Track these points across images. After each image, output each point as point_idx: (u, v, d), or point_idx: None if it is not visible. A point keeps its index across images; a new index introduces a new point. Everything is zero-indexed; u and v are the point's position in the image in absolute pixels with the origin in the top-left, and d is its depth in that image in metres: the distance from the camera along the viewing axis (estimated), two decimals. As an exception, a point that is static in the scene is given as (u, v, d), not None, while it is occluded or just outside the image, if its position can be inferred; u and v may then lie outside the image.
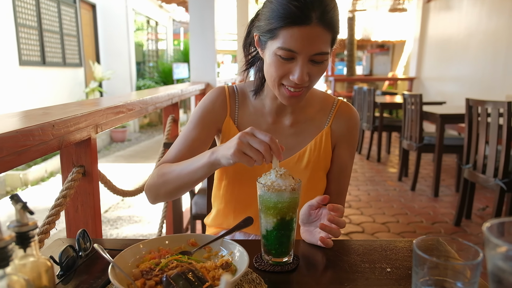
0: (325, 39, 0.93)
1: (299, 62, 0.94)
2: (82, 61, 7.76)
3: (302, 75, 0.94)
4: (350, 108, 1.17)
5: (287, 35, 0.92)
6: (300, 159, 1.12)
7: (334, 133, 1.15)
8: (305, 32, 0.90)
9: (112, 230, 3.55)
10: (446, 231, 3.19)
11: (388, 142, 6.23)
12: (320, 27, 0.91)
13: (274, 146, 0.85)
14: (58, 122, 1.02)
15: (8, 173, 4.65)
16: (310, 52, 0.93)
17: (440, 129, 3.86)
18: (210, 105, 1.15)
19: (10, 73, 5.58)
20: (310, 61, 0.95)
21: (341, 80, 10.11)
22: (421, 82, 8.01)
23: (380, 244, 0.98)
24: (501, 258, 0.39)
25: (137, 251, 0.79)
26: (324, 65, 0.98)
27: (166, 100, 2.25)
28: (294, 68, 0.95)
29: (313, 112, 1.15)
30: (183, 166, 1.00)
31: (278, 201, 0.82)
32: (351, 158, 1.19)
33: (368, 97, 5.63)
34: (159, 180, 1.04)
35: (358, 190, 4.31)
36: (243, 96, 1.18)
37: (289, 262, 0.87)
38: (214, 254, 0.85)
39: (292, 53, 0.93)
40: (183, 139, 1.12)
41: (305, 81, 0.96)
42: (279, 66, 0.96)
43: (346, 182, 1.20)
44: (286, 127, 1.14)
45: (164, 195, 1.06)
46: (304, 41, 0.91)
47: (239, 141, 0.85)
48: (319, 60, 0.95)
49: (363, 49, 14.98)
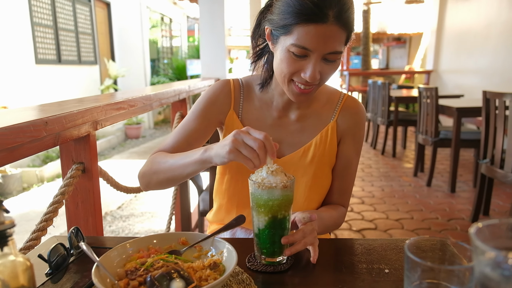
0: (340, 38, 0.91)
1: (312, 60, 0.92)
2: (97, 59, 7.84)
3: (315, 74, 0.92)
4: (356, 102, 1.15)
5: (302, 32, 0.89)
6: (305, 154, 1.10)
7: (340, 128, 1.12)
8: (321, 30, 0.88)
9: (125, 226, 3.58)
10: (462, 228, 3.09)
11: (404, 136, 6.11)
12: (336, 26, 0.88)
13: (269, 144, 0.82)
14: (52, 119, 1.01)
15: (25, 169, 4.75)
16: (324, 51, 0.90)
17: (456, 123, 3.74)
18: (213, 97, 1.13)
19: (27, 71, 5.68)
20: (323, 59, 0.93)
21: (356, 74, 9.95)
22: (438, 75, 7.82)
23: (380, 244, 0.94)
24: (488, 265, 0.35)
25: (124, 251, 0.78)
26: (336, 64, 0.96)
27: (172, 96, 2.24)
28: (306, 65, 0.93)
29: (319, 107, 1.13)
30: (176, 159, 0.98)
31: (269, 199, 0.79)
32: (357, 155, 1.15)
33: (383, 91, 5.52)
34: (152, 169, 1.03)
35: (372, 186, 4.24)
36: (249, 89, 1.15)
37: (283, 262, 0.84)
38: (204, 253, 0.83)
39: (306, 50, 0.91)
40: (182, 129, 1.11)
41: (316, 79, 0.94)
42: (291, 62, 0.94)
43: (350, 180, 1.16)
44: (291, 122, 1.12)
45: (155, 184, 1.05)
46: (319, 39, 0.89)
47: (234, 138, 0.83)
48: (332, 59, 0.93)
49: (379, 42, 14.72)
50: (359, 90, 9.23)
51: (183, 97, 2.51)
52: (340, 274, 0.81)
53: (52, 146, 1.08)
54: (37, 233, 1.07)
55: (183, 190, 2.48)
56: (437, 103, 3.95)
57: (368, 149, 6.14)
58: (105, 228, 3.58)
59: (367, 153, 5.86)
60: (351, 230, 3.09)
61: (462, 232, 3.02)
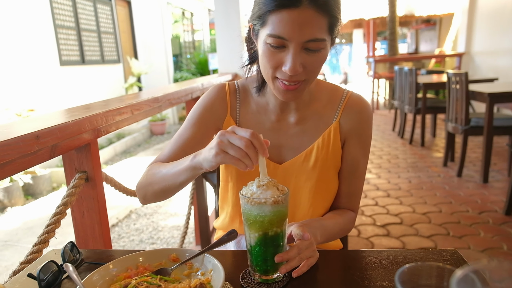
0: (319, 24, 0.83)
1: (291, 51, 0.85)
2: (120, 58, 7.96)
3: (295, 65, 0.85)
4: (361, 100, 1.07)
5: (275, 20, 0.83)
6: (307, 158, 1.04)
7: (343, 128, 1.05)
8: (295, 16, 0.81)
9: (149, 224, 3.62)
10: (495, 221, 2.93)
11: (433, 124, 5.87)
12: (312, 9, 0.81)
13: (257, 141, 0.75)
14: (44, 132, 0.98)
15: (54, 169, 4.89)
16: (302, 39, 0.83)
17: (489, 109, 3.53)
18: (209, 104, 1.08)
19: (52, 73, 5.83)
20: (304, 49, 0.86)
21: (382, 60, 9.64)
22: (471, 57, 7.44)
23: (387, 256, 0.86)
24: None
25: (106, 273, 0.74)
26: (321, 54, 0.88)
27: (183, 96, 2.20)
28: (285, 57, 0.86)
29: (320, 107, 1.06)
30: (168, 168, 0.94)
31: (258, 215, 0.73)
32: (364, 156, 1.08)
33: (409, 78, 5.30)
34: (147, 180, 1.00)
35: (399, 177, 4.09)
36: (245, 93, 1.10)
37: (278, 280, 0.78)
38: (195, 271, 0.79)
39: (282, 40, 0.84)
40: (178, 138, 1.07)
41: (298, 71, 0.86)
42: (270, 56, 0.88)
43: (358, 183, 1.09)
44: (291, 125, 1.06)
45: (151, 196, 1.01)
46: (294, 26, 0.82)
47: (219, 140, 0.78)
48: (314, 48, 0.86)
49: (407, 25, 14.19)
50: (386, 77, 8.94)
51: (197, 96, 2.48)
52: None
53: (48, 158, 1.06)
54: (38, 246, 1.06)
55: (199, 190, 2.46)
56: (467, 89, 3.74)
57: (395, 138, 5.94)
58: (129, 226, 3.64)
59: (394, 143, 5.68)
60: (375, 225, 2.99)
61: (495, 226, 2.85)
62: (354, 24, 13.28)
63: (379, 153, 5.11)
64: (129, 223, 3.71)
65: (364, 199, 3.54)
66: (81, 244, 1.34)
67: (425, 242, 2.67)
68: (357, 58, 15.42)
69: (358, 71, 15.29)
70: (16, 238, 3.38)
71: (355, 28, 14.60)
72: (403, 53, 12.68)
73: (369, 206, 3.37)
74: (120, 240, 3.36)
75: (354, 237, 2.82)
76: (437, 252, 0.87)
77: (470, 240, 2.65)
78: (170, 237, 3.37)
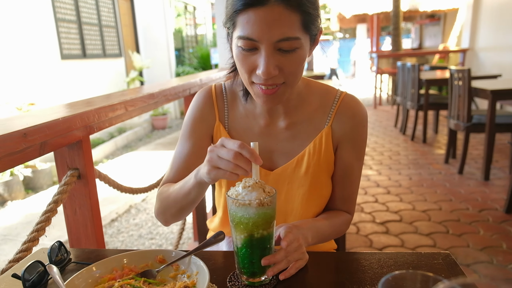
0: (290, 21, 0.78)
1: (263, 52, 0.80)
2: (121, 51, 7.93)
3: (268, 68, 0.80)
4: (355, 102, 1.02)
5: (243, 21, 0.79)
6: (299, 164, 1.00)
7: (336, 133, 1.01)
8: (262, 14, 0.77)
9: (148, 219, 3.62)
10: (495, 220, 2.90)
11: (435, 121, 5.83)
12: (280, 6, 0.77)
13: (246, 151, 0.73)
14: (32, 130, 0.97)
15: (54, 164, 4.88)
16: (272, 38, 0.78)
17: (491, 106, 3.50)
18: (198, 114, 1.05)
19: (53, 67, 5.81)
20: (278, 50, 0.81)
21: (386, 56, 9.57)
22: (475, 53, 7.37)
23: (378, 259, 0.85)
24: None
25: (89, 275, 0.73)
26: (297, 54, 0.83)
27: (181, 92, 2.18)
28: (258, 60, 0.82)
29: (311, 111, 1.02)
30: (177, 190, 0.93)
31: (243, 216, 0.72)
32: (358, 160, 1.04)
33: (412, 73, 5.26)
34: (162, 206, 0.99)
35: (399, 174, 4.06)
36: (233, 96, 1.06)
37: (265, 282, 0.77)
38: (181, 273, 0.78)
39: (253, 42, 0.80)
40: (178, 156, 1.05)
41: (272, 74, 0.82)
42: (243, 59, 0.84)
43: (353, 187, 1.06)
44: (281, 130, 1.02)
45: (172, 218, 1.00)
46: (262, 25, 0.77)
47: (209, 157, 0.76)
48: (288, 47, 0.80)
49: (412, 20, 14.07)
50: (389, 72, 8.87)
51: (195, 91, 2.46)
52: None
53: (38, 156, 1.05)
54: (28, 244, 1.05)
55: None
56: (470, 86, 3.70)
57: (397, 134, 5.91)
58: (128, 221, 3.64)
59: (395, 139, 5.65)
60: (374, 222, 2.97)
61: (495, 224, 2.83)
62: (358, 19, 13.19)
63: (381, 150, 5.09)
64: (128, 218, 3.71)
65: (364, 196, 3.52)
66: (73, 242, 1.33)
67: (424, 240, 2.65)
68: (361, 53, 15.33)
69: (362, 66, 15.21)
70: (16, 232, 3.39)
71: (359, 23, 14.50)
72: (407, 48, 12.57)
73: (369, 203, 3.35)
74: (119, 235, 3.36)
75: (353, 234, 2.81)
76: (429, 255, 0.86)
77: (470, 238, 2.64)
78: (169, 232, 3.37)
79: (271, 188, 0.76)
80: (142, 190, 1.76)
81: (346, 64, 19.29)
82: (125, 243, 3.21)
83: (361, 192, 3.60)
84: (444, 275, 0.78)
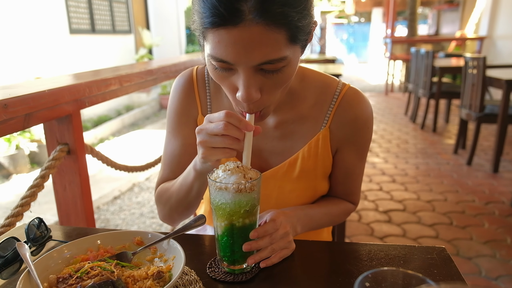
0: (273, 40, 0.63)
1: (241, 75, 0.67)
2: (131, 28, 7.85)
3: (249, 92, 0.67)
4: (358, 100, 0.88)
5: (213, 40, 0.65)
6: (291, 167, 0.90)
7: (335, 136, 0.89)
8: (236, 36, 0.62)
9: (150, 198, 3.62)
10: (501, 213, 2.83)
11: (447, 110, 5.69)
12: (259, 26, 0.61)
13: (233, 119, 0.66)
14: (13, 101, 0.93)
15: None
16: (251, 63, 0.65)
17: (505, 96, 3.38)
18: (179, 107, 0.94)
19: (61, 42, 5.78)
20: (260, 70, 0.68)
21: (400, 41, 9.33)
22: (492, 41, 7.14)
23: (368, 250, 0.80)
24: None
25: (59, 256, 0.69)
26: (283, 74, 0.69)
27: (182, 69, 2.12)
28: (237, 82, 0.69)
29: (306, 109, 0.89)
30: (178, 187, 0.87)
31: (220, 202, 0.67)
32: (361, 160, 0.95)
33: (426, 60, 5.11)
34: (166, 208, 0.93)
35: (406, 163, 3.99)
36: (217, 85, 0.92)
37: (246, 271, 0.73)
38: (158, 256, 0.74)
39: (227, 64, 0.66)
40: (169, 155, 0.96)
41: (254, 98, 0.68)
42: (219, 79, 0.72)
43: (355, 183, 0.98)
44: (269, 129, 0.90)
45: (181, 217, 0.94)
46: (237, 48, 0.63)
47: (199, 140, 0.70)
48: (272, 69, 0.67)
49: (429, 5, 13.68)
50: (402, 58, 8.67)
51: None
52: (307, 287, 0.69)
53: (22, 128, 1.02)
54: (11, 219, 1.03)
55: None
56: (484, 75, 3.58)
57: (406, 123, 5.80)
58: (131, 199, 3.64)
59: (405, 127, 5.54)
60: (377, 210, 2.92)
61: (501, 218, 2.76)
62: (374, 3, 12.86)
63: (389, 137, 5.00)
64: (131, 196, 3.72)
65: (369, 183, 3.47)
66: (63, 219, 1.31)
67: (426, 231, 2.60)
68: (375, 38, 15.01)
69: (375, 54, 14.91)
70: (19, 205, 3.42)
71: (374, 6, 14.15)
72: (423, 34, 12.25)
73: (373, 191, 3.30)
74: (121, 213, 3.36)
75: (354, 222, 2.76)
76: (423, 249, 0.81)
77: (473, 231, 2.58)
78: (170, 212, 3.36)
79: (256, 172, 0.71)
80: (138, 168, 1.73)
81: (360, 49, 18.95)
82: (126, 221, 3.21)
83: (365, 180, 3.54)
84: (436, 271, 0.73)
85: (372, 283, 0.45)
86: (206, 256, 0.79)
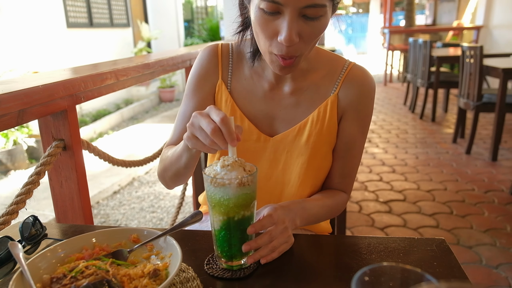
0: None
1: (286, 17, 0.75)
2: (129, 21, 7.78)
3: (291, 34, 0.75)
4: (364, 72, 0.98)
5: None
6: (300, 132, 0.96)
7: (342, 102, 0.97)
8: None
9: (150, 192, 3.62)
10: (500, 201, 2.83)
11: (445, 99, 5.68)
12: None
13: (225, 128, 0.67)
14: (4, 97, 0.92)
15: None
16: (299, 4, 0.73)
17: (502, 85, 3.38)
18: (203, 71, 1.01)
19: (58, 35, 5.72)
20: (302, 16, 0.76)
21: (398, 32, 9.28)
22: (489, 31, 7.09)
23: (368, 244, 0.79)
24: None
25: (53, 256, 0.68)
26: (320, 23, 0.78)
27: (180, 62, 2.11)
28: (281, 25, 0.77)
29: (318, 78, 0.98)
30: (172, 152, 0.90)
31: (222, 198, 0.67)
32: (362, 134, 1.00)
33: (424, 50, 5.08)
34: (161, 167, 0.97)
35: (406, 153, 3.98)
36: (239, 57, 1.01)
37: (244, 267, 0.72)
38: (155, 254, 0.73)
39: (277, 5, 0.74)
40: (181, 117, 1.02)
41: (294, 41, 0.77)
42: (264, 23, 0.78)
43: (353, 162, 1.02)
44: (285, 95, 0.98)
45: (170, 182, 0.98)
46: None
47: (190, 122, 0.71)
48: (313, 15, 0.76)
49: (427, -5, 13.57)
50: (401, 49, 8.63)
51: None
52: (306, 284, 0.68)
53: (16, 124, 1.00)
54: (5, 217, 1.02)
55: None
56: (481, 64, 3.56)
57: (405, 112, 5.78)
58: (131, 194, 3.63)
59: (404, 117, 5.52)
60: (378, 201, 2.92)
61: (500, 206, 2.76)
62: (372, -8, 12.75)
63: (388, 127, 4.99)
64: (131, 191, 3.71)
65: (369, 174, 3.46)
66: (60, 217, 1.30)
67: (427, 221, 2.60)
68: (374, 28, 14.92)
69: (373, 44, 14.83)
70: (18, 201, 3.41)
71: (372, -4, 14.04)
72: (420, 24, 12.17)
73: (373, 181, 3.29)
74: (121, 208, 3.36)
75: (355, 213, 2.76)
76: (423, 241, 0.80)
77: (473, 220, 2.58)
78: (171, 206, 3.36)
79: (252, 166, 0.70)
80: (136, 163, 1.72)
81: (359, 40, 18.84)
82: (126, 215, 3.21)
83: (365, 170, 3.54)
84: (436, 263, 0.72)
85: (371, 277, 0.44)
86: (204, 252, 0.78)
